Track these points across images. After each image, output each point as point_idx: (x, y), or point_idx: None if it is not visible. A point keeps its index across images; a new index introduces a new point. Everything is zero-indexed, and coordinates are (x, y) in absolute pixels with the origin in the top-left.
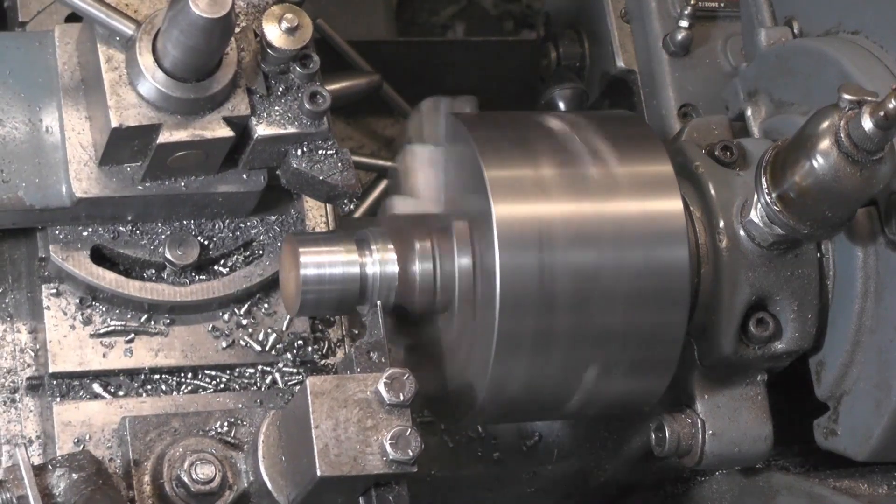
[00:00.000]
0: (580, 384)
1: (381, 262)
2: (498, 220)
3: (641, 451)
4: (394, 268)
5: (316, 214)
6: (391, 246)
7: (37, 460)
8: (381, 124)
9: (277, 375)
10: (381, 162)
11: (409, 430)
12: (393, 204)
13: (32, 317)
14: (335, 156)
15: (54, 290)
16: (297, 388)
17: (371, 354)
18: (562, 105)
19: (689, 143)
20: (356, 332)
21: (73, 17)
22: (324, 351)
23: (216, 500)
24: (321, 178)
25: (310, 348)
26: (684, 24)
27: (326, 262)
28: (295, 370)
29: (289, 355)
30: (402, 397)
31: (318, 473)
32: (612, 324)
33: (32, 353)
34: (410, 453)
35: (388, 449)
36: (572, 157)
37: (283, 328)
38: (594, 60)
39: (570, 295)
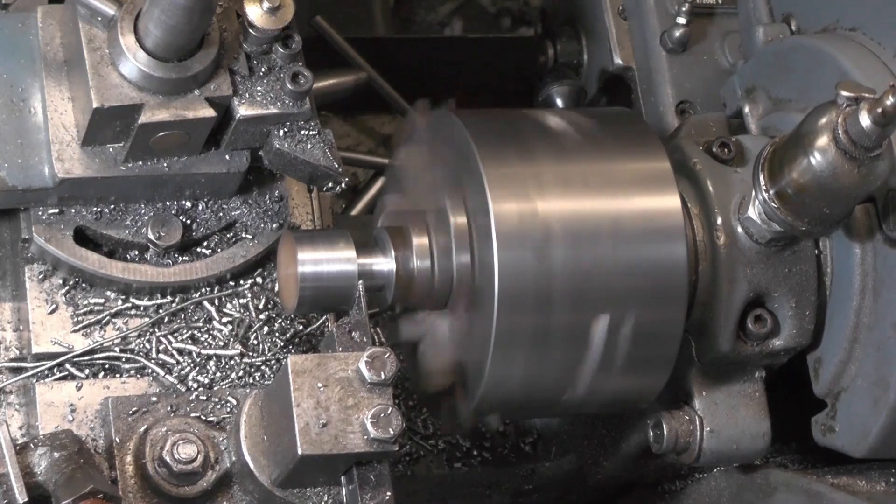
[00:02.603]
0: (578, 381)
1: (378, 260)
2: (496, 218)
3: (639, 448)
4: (391, 265)
5: (302, 212)
6: (389, 244)
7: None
8: (377, 121)
9: (260, 356)
10: (377, 159)
11: (390, 408)
12: (391, 201)
13: (15, 298)
14: (318, 136)
15: (37, 271)
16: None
17: (353, 334)
18: (559, 102)
19: (687, 140)
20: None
21: None
22: (306, 333)
23: (198, 479)
24: (303, 158)
25: (293, 329)
26: (682, 20)
27: (324, 260)
28: (277, 350)
29: (272, 336)
30: (383, 376)
31: (300, 452)
32: (610, 321)
33: (16, 335)
34: (391, 432)
35: (370, 427)
36: (570, 155)
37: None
38: (592, 57)
39: (568, 292)
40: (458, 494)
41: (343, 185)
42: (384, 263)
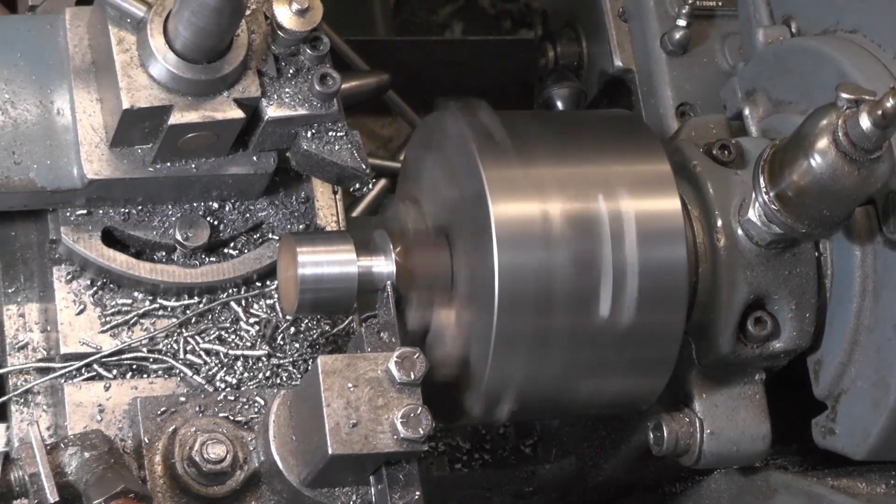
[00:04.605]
0: (578, 383)
1: (378, 262)
2: (496, 220)
3: (640, 450)
4: (392, 267)
5: (327, 213)
6: (389, 246)
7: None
8: (378, 123)
9: (287, 357)
10: (378, 161)
11: (420, 408)
12: (392, 203)
13: (43, 299)
14: (345, 137)
15: (65, 272)
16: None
17: (381, 334)
18: (559, 104)
19: (687, 142)
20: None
21: None
22: (333, 333)
23: (227, 479)
24: (331, 159)
25: (319, 330)
26: (682, 22)
27: (324, 262)
28: (304, 350)
29: (299, 337)
30: (412, 376)
31: (330, 452)
32: (611, 323)
33: (44, 336)
34: (421, 431)
35: (399, 427)
36: (570, 157)
37: None
38: (592, 59)
39: (568, 295)
40: (458, 496)
41: (370, 185)
42: (384, 265)
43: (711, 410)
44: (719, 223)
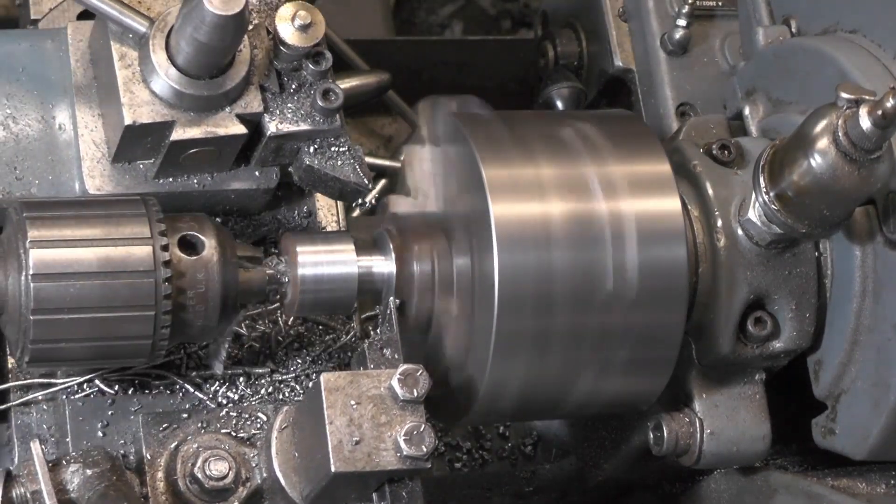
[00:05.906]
0: (578, 384)
1: (378, 261)
2: (496, 220)
3: (640, 450)
4: (391, 268)
5: (327, 214)
6: (389, 245)
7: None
8: (378, 123)
9: (290, 373)
10: (378, 161)
11: (423, 425)
12: (392, 203)
13: None
14: (347, 152)
15: None
16: (310, 384)
17: (384, 351)
18: (559, 104)
19: (687, 142)
20: (370, 328)
21: (85, 14)
22: (335, 348)
23: (230, 496)
24: (333, 174)
25: (322, 345)
26: (682, 22)
27: (324, 262)
28: (307, 366)
29: (301, 352)
30: (415, 393)
31: (333, 469)
32: (611, 324)
33: None
34: (424, 449)
35: (402, 445)
36: (570, 157)
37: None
38: (592, 59)
39: (569, 295)
40: (458, 496)
41: (374, 200)
42: (384, 265)
43: (711, 410)
44: (719, 223)
